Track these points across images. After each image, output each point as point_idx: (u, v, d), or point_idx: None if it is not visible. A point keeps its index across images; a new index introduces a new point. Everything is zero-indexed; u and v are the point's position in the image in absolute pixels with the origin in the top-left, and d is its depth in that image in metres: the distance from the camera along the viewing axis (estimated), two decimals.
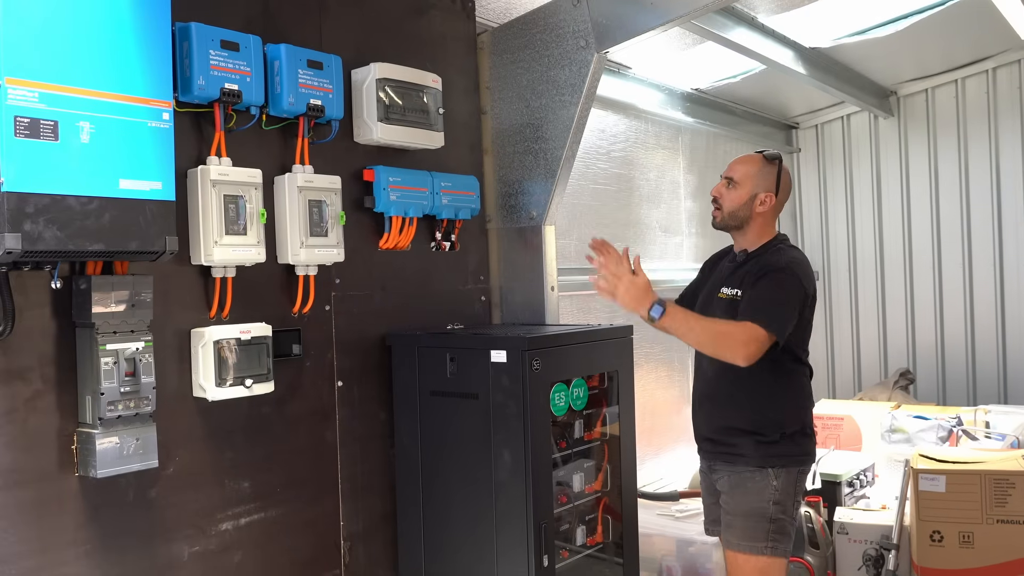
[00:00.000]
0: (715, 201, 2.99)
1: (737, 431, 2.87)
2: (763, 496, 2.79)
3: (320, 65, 2.94)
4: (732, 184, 2.93)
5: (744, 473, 2.84)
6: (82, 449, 2.42)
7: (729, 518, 2.88)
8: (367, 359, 3.24)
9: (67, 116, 2.21)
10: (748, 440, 2.84)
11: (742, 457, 2.84)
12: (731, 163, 3.01)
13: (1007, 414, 4.86)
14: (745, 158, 3.00)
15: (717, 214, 3.00)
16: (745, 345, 2.64)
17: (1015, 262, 5.98)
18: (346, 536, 3.15)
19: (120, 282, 2.42)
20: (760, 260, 2.88)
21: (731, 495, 2.88)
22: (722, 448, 2.92)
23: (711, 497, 3.07)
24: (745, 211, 2.91)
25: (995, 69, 5.96)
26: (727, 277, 2.95)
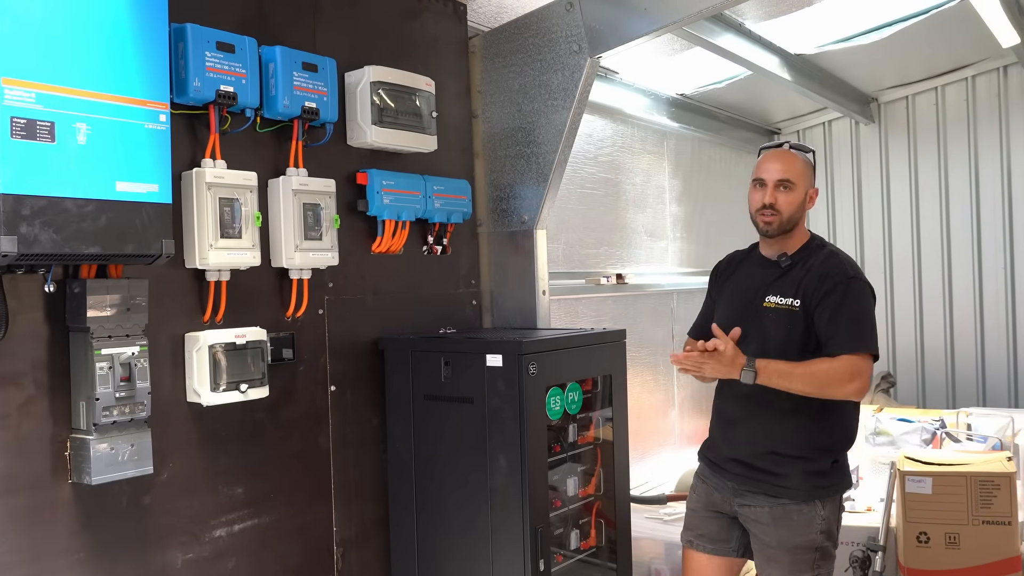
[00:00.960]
0: (770, 208, 2.66)
1: (784, 458, 2.61)
2: (811, 528, 2.60)
3: (315, 67, 2.92)
4: (788, 186, 2.65)
5: (789, 506, 2.60)
6: (76, 455, 2.38)
7: (771, 551, 2.64)
8: (359, 363, 3.22)
9: (64, 117, 2.18)
10: (795, 469, 2.60)
11: (787, 490, 2.60)
12: (769, 163, 2.69)
13: (988, 416, 4.92)
14: (785, 155, 2.70)
15: (774, 220, 2.66)
16: (852, 380, 2.51)
17: (994, 267, 6.07)
18: (339, 542, 3.13)
19: (115, 286, 2.39)
20: (814, 265, 2.66)
21: (774, 529, 2.63)
22: (762, 476, 2.64)
23: (708, 510, 2.83)
24: (800, 212, 2.68)
25: (975, 77, 6.05)
26: (771, 284, 2.69)
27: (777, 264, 2.74)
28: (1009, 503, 3.73)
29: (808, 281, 2.63)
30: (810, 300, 2.61)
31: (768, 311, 2.65)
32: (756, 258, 2.86)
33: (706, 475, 2.87)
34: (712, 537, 2.83)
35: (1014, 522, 3.74)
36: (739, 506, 2.73)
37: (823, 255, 2.71)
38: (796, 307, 2.61)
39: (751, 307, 2.70)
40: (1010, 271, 6.00)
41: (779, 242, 2.75)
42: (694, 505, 2.91)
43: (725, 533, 2.80)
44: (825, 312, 2.58)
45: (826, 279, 2.62)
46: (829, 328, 2.58)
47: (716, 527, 2.82)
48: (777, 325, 2.62)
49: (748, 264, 2.88)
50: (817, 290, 2.61)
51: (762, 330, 2.63)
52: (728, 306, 2.83)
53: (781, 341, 2.60)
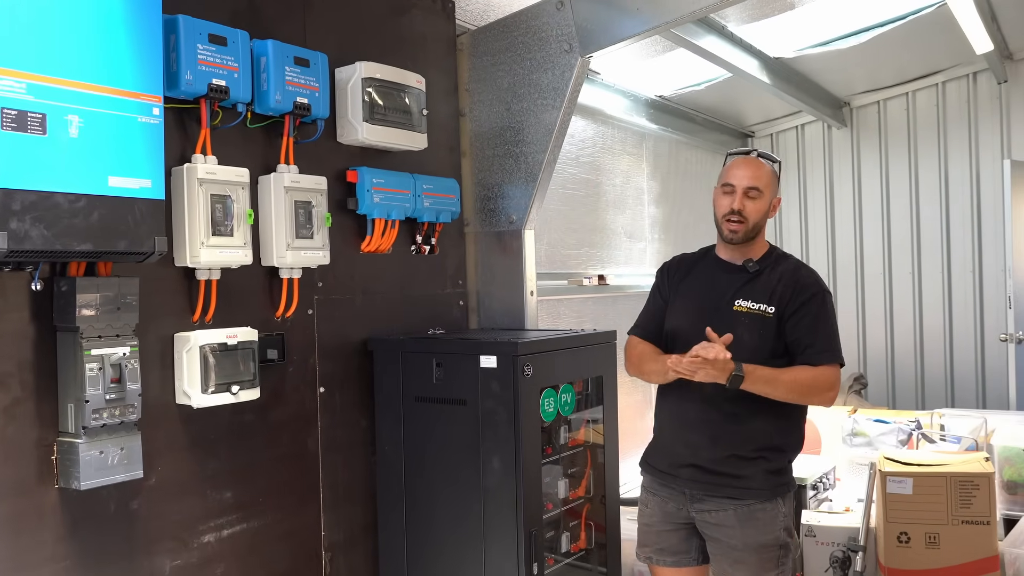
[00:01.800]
0: (737, 214, 2.66)
1: (745, 460, 2.63)
2: (775, 526, 2.63)
3: (307, 62, 2.86)
4: (757, 194, 2.66)
5: (754, 506, 2.62)
6: (63, 459, 2.30)
7: (738, 553, 2.63)
8: (348, 364, 3.17)
9: (56, 109, 2.10)
10: (757, 469, 2.63)
11: (751, 490, 2.62)
12: (739, 170, 2.70)
13: (960, 417, 4.99)
14: (754, 162, 2.72)
15: (740, 228, 2.67)
16: (830, 389, 2.60)
17: (962, 269, 6.17)
18: (327, 547, 3.07)
19: (106, 284, 2.32)
20: (784, 273, 2.69)
21: (740, 530, 2.63)
22: (724, 480, 2.64)
23: (665, 524, 2.78)
24: (764, 220, 2.71)
25: (945, 83, 6.16)
26: (740, 288, 2.69)
27: (744, 269, 2.73)
28: (988, 503, 3.78)
29: (782, 289, 2.66)
30: (785, 308, 2.63)
31: (740, 315, 2.65)
32: (715, 262, 2.82)
33: (655, 487, 2.81)
34: (673, 550, 2.78)
35: (992, 521, 3.79)
36: (697, 512, 2.69)
37: (792, 264, 2.76)
38: (770, 313, 2.63)
39: (719, 310, 2.68)
40: (978, 274, 6.11)
41: (741, 248, 2.74)
42: (648, 520, 2.83)
43: (684, 544, 2.77)
44: (803, 321, 2.62)
45: (804, 289, 2.66)
46: (808, 337, 2.62)
47: (675, 539, 2.77)
48: (749, 329, 2.62)
49: (706, 267, 2.83)
50: (794, 299, 2.64)
51: (732, 333, 2.59)
52: (690, 308, 2.78)
53: (753, 345, 2.60)
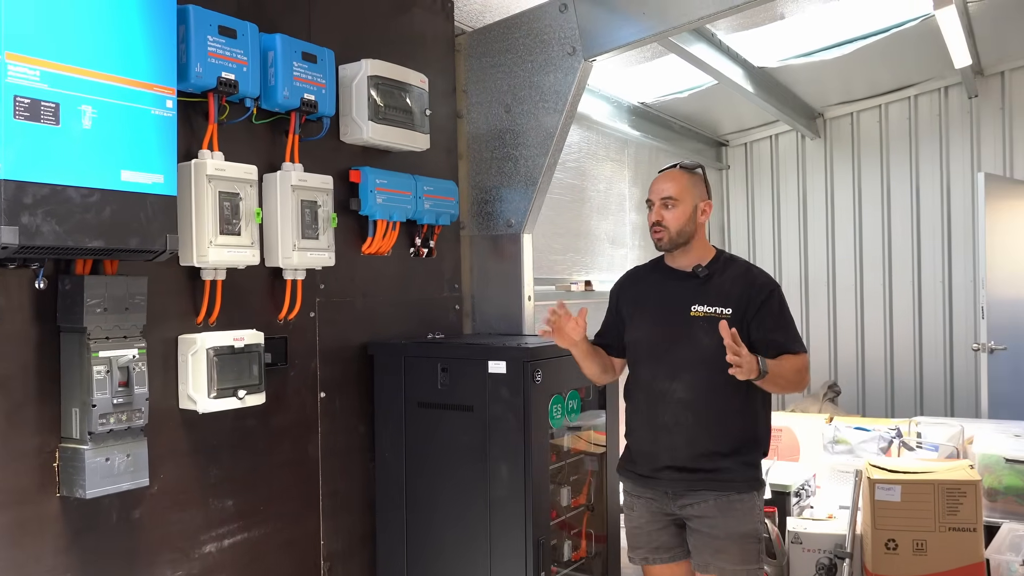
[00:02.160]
0: (658, 225, 2.77)
1: (721, 455, 2.68)
2: (753, 517, 2.69)
3: (314, 58, 2.79)
4: (672, 203, 2.74)
5: (733, 496, 2.68)
6: (65, 467, 2.19)
7: (720, 543, 2.66)
8: (348, 369, 3.09)
9: (69, 99, 2.00)
10: (734, 463, 2.69)
11: (730, 483, 2.67)
12: (656, 184, 2.82)
13: (936, 425, 5.06)
14: (670, 174, 2.82)
15: (664, 236, 2.76)
16: (807, 374, 2.72)
17: (932, 281, 6.29)
18: (326, 556, 2.98)
19: (114, 283, 2.22)
20: (737, 275, 2.77)
21: (722, 519, 2.67)
22: (703, 475, 2.68)
23: (654, 523, 2.78)
24: (690, 226, 2.76)
25: (917, 96, 6.28)
26: (694, 294, 2.74)
27: (694, 275, 2.78)
28: (974, 510, 3.82)
29: (738, 291, 2.73)
30: (746, 309, 2.70)
31: (698, 320, 2.70)
32: (665, 271, 2.87)
33: (638, 491, 2.81)
34: (667, 546, 2.79)
35: (979, 528, 3.84)
36: (679, 507, 2.73)
37: (740, 266, 2.84)
38: (727, 315, 2.68)
39: (678, 317, 2.74)
40: (947, 285, 6.23)
41: (684, 254, 2.80)
42: (637, 522, 2.83)
43: (676, 539, 2.79)
44: (767, 319, 2.71)
45: (760, 288, 2.74)
46: (777, 332, 2.71)
47: (667, 536, 2.79)
48: (708, 332, 2.63)
49: (658, 277, 2.89)
50: (753, 298, 2.71)
51: (693, 338, 2.68)
52: (648, 317, 2.83)
53: (713, 347, 2.59)
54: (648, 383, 2.78)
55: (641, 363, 2.82)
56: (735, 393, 2.66)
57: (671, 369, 2.72)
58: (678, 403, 2.70)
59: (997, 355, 5.45)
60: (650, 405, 2.76)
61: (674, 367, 2.71)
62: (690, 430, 2.69)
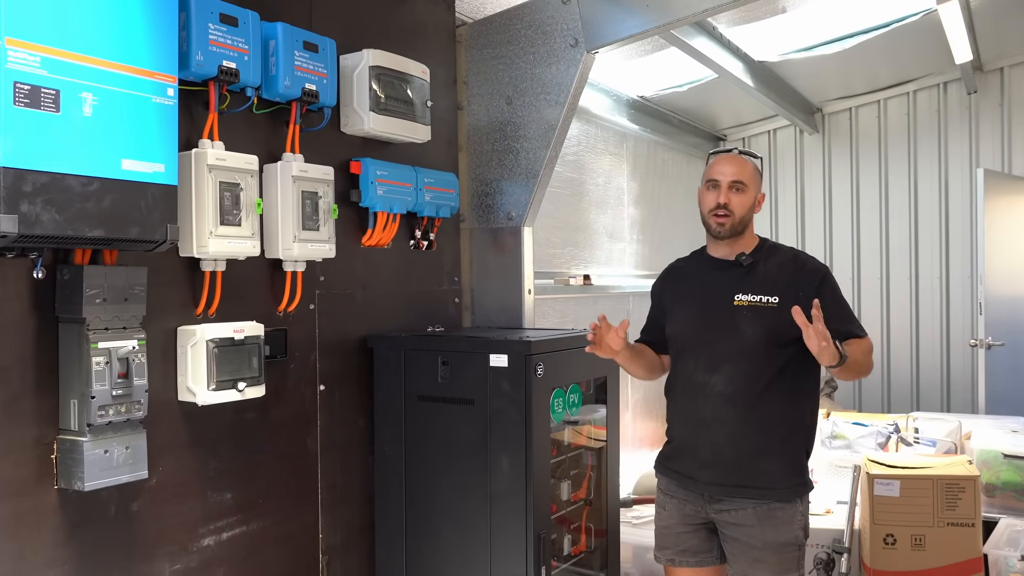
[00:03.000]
0: (723, 208, 2.64)
1: (764, 453, 2.58)
2: (794, 525, 2.60)
3: (315, 48, 2.76)
4: (741, 188, 2.65)
5: (773, 504, 2.58)
6: (64, 459, 2.17)
7: (758, 552, 2.58)
8: (348, 361, 3.07)
9: (70, 85, 1.97)
10: (777, 465, 2.59)
11: (773, 491, 2.58)
12: (723, 165, 2.69)
13: (933, 421, 5.06)
14: (737, 158, 2.71)
15: (726, 221, 2.65)
16: (872, 357, 2.65)
17: (929, 276, 6.29)
18: (324, 550, 2.96)
19: (113, 273, 2.19)
20: (783, 263, 2.67)
21: (760, 529, 2.58)
22: (745, 480, 2.59)
23: (684, 525, 2.72)
24: (750, 215, 2.69)
25: (916, 92, 6.26)
26: (738, 282, 2.65)
27: (738, 264, 2.69)
28: (973, 505, 3.83)
29: (782, 277, 2.63)
30: (794, 296, 2.55)
31: (741, 309, 2.61)
32: (708, 261, 2.79)
33: (672, 489, 2.75)
34: (695, 550, 2.73)
35: (977, 524, 3.85)
36: (716, 512, 2.65)
37: (786, 252, 2.75)
38: (773, 303, 2.59)
39: (721, 307, 2.65)
40: (945, 280, 6.23)
41: (732, 243, 2.72)
42: (667, 522, 2.77)
43: (706, 543, 2.72)
44: (828, 303, 2.55)
45: (811, 274, 2.65)
46: (842, 317, 2.62)
47: (696, 540, 2.72)
48: (753, 322, 2.58)
49: (699, 268, 2.81)
50: (806, 285, 2.60)
51: (735, 329, 2.59)
52: (690, 309, 2.76)
53: (757, 338, 2.57)
54: (688, 376, 2.69)
55: (681, 356, 2.73)
56: (780, 388, 2.57)
57: (711, 361, 2.62)
58: (718, 397, 2.61)
59: (995, 351, 5.46)
60: (689, 400, 2.69)
61: (715, 359, 2.62)
62: (731, 426, 2.60)
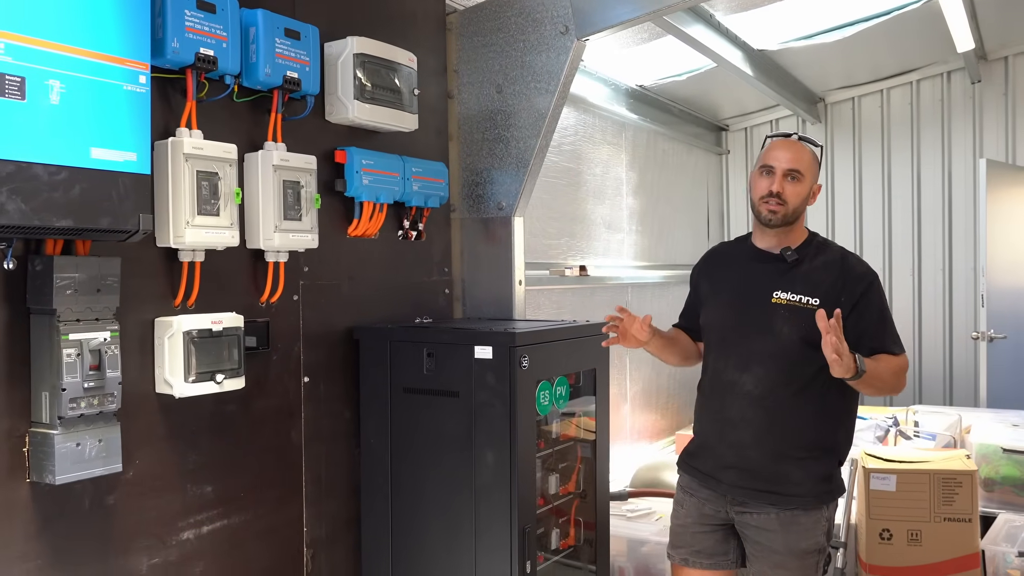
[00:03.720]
0: (777, 197, 2.50)
1: (793, 460, 2.50)
2: (817, 531, 2.53)
3: (297, 35, 2.71)
4: (797, 177, 2.51)
5: (797, 511, 2.51)
6: (36, 452, 2.14)
7: (779, 558, 2.52)
8: (333, 353, 3.03)
9: (36, 72, 1.94)
10: (805, 474, 2.50)
11: (796, 498, 2.50)
12: (779, 151, 2.55)
13: (933, 414, 5.03)
14: (795, 145, 2.57)
15: (779, 210, 2.51)
16: (904, 377, 2.53)
17: (932, 268, 6.22)
18: (309, 543, 2.94)
19: (85, 263, 2.15)
20: (830, 263, 2.56)
21: (782, 535, 2.51)
22: (769, 484, 2.51)
23: (701, 525, 2.66)
24: (804, 206, 2.56)
25: (919, 81, 6.19)
26: (778, 279, 2.54)
27: (781, 259, 2.58)
28: (970, 500, 3.78)
29: (831, 280, 2.51)
30: (836, 299, 2.45)
31: (779, 307, 2.50)
32: (751, 251, 2.68)
33: (693, 488, 2.69)
34: (709, 552, 2.66)
35: (974, 519, 3.80)
36: (737, 513, 2.59)
37: (835, 251, 2.62)
38: (814, 305, 2.45)
39: (758, 303, 2.55)
40: (947, 272, 6.17)
41: (780, 235, 2.60)
42: (684, 521, 2.71)
43: (722, 546, 2.66)
44: (868, 314, 2.50)
45: (859, 279, 2.53)
46: (881, 329, 2.52)
47: (712, 541, 2.66)
48: (790, 323, 2.48)
49: (741, 257, 2.70)
50: (850, 290, 2.50)
51: (771, 328, 2.49)
52: (725, 301, 2.67)
53: (793, 340, 2.47)
54: (717, 373, 2.62)
55: (712, 350, 2.66)
56: (813, 393, 2.48)
57: (742, 360, 2.54)
58: (746, 397, 2.53)
59: (997, 344, 5.40)
60: (717, 398, 2.62)
61: (745, 358, 2.53)
62: (757, 429, 2.52)
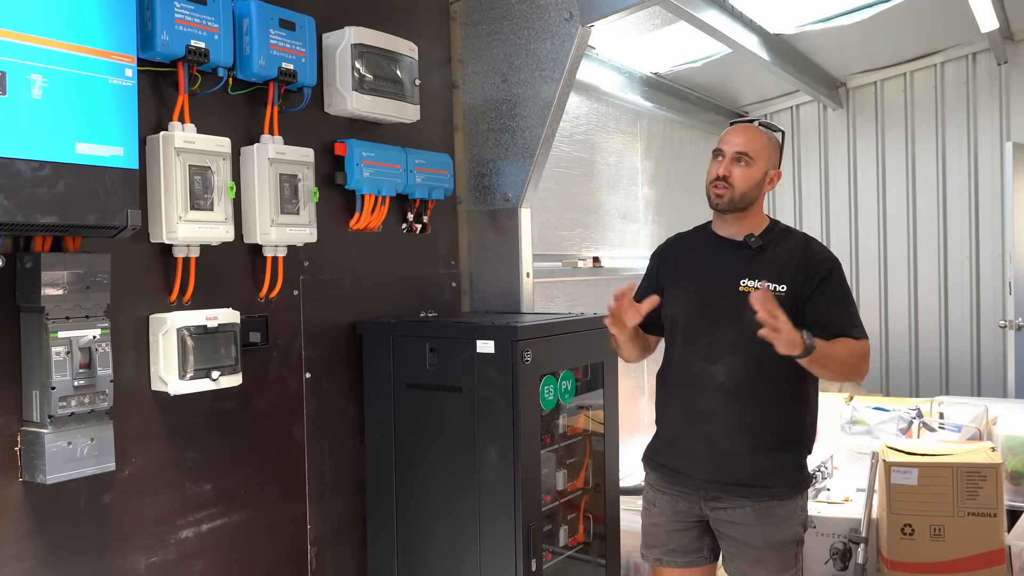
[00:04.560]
0: (723, 180, 2.45)
1: (766, 452, 2.45)
2: (794, 521, 2.49)
3: (292, 25, 2.67)
4: (747, 161, 2.45)
5: (772, 503, 2.46)
6: (27, 451, 2.12)
7: (758, 552, 2.46)
8: (336, 349, 3.00)
9: (17, 67, 1.91)
10: (778, 465, 2.46)
11: (771, 489, 2.45)
12: (731, 135, 2.51)
13: (959, 405, 4.89)
14: (748, 128, 2.52)
15: (725, 193, 2.45)
16: (866, 363, 2.45)
17: (959, 255, 6.07)
18: (313, 540, 2.91)
19: (74, 260, 2.13)
20: (794, 249, 2.51)
21: (760, 528, 2.46)
22: (743, 477, 2.46)
23: (675, 523, 2.59)
24: (755, 191, 2.48)
25: (943, 64, 6.02)
26: (744, 266, 2.49)
27: (745, 245, 2.52)
28: (995, 494, 3.67)
29: (794, 266, 2.47)
30: (803, 286, 2.44)
31: (747, 296, 2.37)
32: (712, 238, 2.60)
33: (663, 485, 2.61)
34: (685, 549, 2.60)
35: (999, 513, 3.68)
36: (711, 509, 2.52)
37: (798, 238, 2.57)
38: (781, 292, 2.42)
39: (725, 291, 2.49)
40: (975, 259, 6.01)
41: (739, 221, 2.54)
42: (657, 519, 2.62)
43: (697, 542, 2.59)
44: (827, 297, 2.46)
45: (820, 264, 2.48)
46: (840, 315, 2.46)
47: (687, 539, 2.59)
48: None
49: (704, 246, 2.61)
50: (811, 276, 2.46)
51: (740, 316, 2.40)
52: (691, 291, 2.58)
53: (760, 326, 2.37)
54: (684, 365, 2.54)
55: (677, 342, 2.56)
56: (782, 382, 2.44)
57: (711, 350, 2.47)
58: (717, 389, 2.46)
59: None
60: (685, 390, 2.55)
61: (715, 348, 2.46)
62: (729, 421, 2.46)
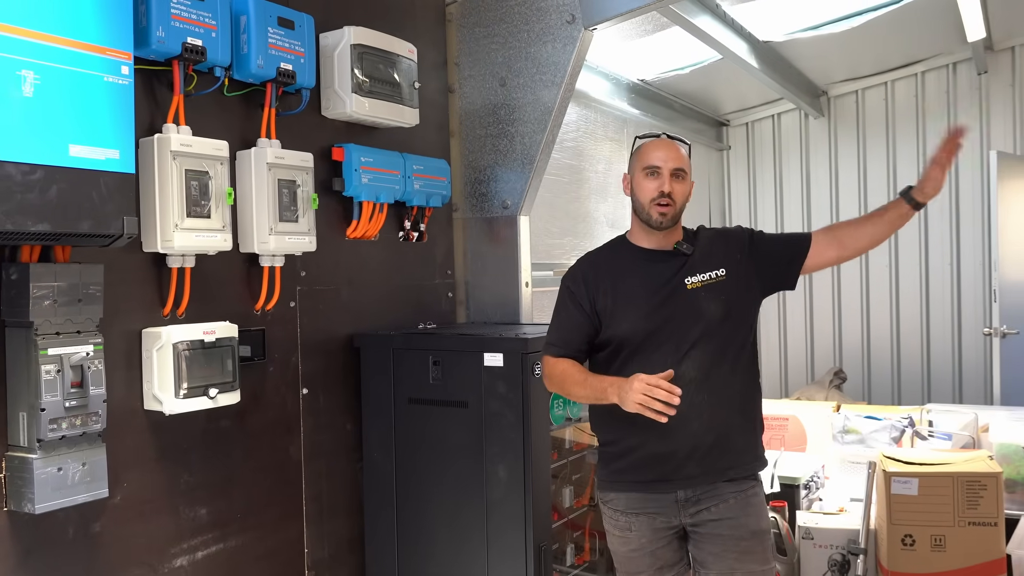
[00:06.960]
0: (667, 197, 2.43)
1: (740, 433, 2.47)
2: (766, 510, 2.52)
3: (291, 24, 2.55)
4: (682, 176, 2.47)
5: (748, 489, 2.46)
6: (13, 478, 1.96)
7: (746, 543, 2.42)
8: (333, 362, 2.87)
9: (7, 62, 1.77)
10: (748, 441, 2.49)
11: (748, 465, 2.48)
12: (662, 151, 2.47)
13: (947, 413, 4.86)
14: (672, 144, 2.51)
15: (669, 211, 2.44)
16: None
17: (940, 263, 6.09)
18: (310, 565, 2.77)
19: (65, 271, 1.98)
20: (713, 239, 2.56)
21: (744, 517, 2.44)
22: (724, 460, 2.43)
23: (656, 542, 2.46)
24: (686, 204, 2.53)
25: (924, 73, 6.05)
26: (682, 270, 2.48)
27: (679, 252, 2.50)
28: (995, 503, 3.63)
29: (718, 251, 2.52)
30: (738, 260, 2.51)
31: (697, 291, 2.44)
32: (640, 253, 2.54)
33: (637, 507, 2.46)
34: (670, 563, 2.50)
35: (1000, 523, 3.65)
36: (692, 515, 2.44)
37: (709, 230, 2.63)
38: (722, 275, 2.48)
39: (675, 294, 2.46)
40: (956, 267, 6.03)
41: (668, 234, 2.50)
42: (637, 544, 2.48)
43: (678, 552, 2.51)
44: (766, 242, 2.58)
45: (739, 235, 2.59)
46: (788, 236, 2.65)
47: (670, 552, 2.50)
48: (709, 300, 2.44)
49: (633, 263, 2.53)
50: (738, 250, 2.54)
51: (696, 310, 2.43)
52: (639, 306, 2.47)
53: (721, 313, 2.44)
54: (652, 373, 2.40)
55: (638, 355, 2.45)
56: (742, 364, 2.49)
57: (678, 351, 2.41)
58: (689, 385, 2.36)
59: (1010, 339, 5.26)
60: None
61: (679, 346, 2.41)
62: (706, 412, 2.41)
